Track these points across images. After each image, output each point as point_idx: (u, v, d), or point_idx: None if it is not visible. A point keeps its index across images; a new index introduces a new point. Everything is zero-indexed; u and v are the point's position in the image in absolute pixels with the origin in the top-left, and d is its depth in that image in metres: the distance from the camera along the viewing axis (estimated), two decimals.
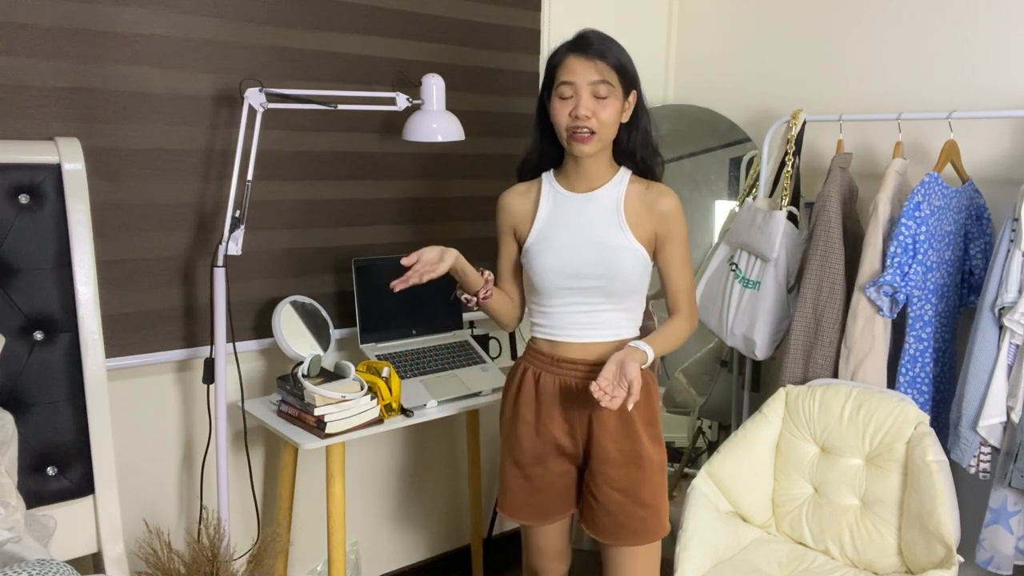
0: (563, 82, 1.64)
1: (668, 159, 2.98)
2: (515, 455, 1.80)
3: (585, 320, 1.73)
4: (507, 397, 1.83)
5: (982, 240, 2.21)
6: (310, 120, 2.17)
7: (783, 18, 2.72)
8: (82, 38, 1.82)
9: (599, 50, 1.63)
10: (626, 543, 1.74)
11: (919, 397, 2.14)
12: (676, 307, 1.77)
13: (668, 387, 2.93)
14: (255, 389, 2.23)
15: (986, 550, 2.02)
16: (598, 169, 1.72)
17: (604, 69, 1.62)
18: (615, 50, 1.65)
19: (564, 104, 1.65)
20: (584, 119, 1.62)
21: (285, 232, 2.18)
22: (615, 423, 1.72)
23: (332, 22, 2.17)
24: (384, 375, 2.04)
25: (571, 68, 1.63)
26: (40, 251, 1.67)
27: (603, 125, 1.64)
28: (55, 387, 1.69)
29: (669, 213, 1.72)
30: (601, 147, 1.68)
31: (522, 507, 1.82)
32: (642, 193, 1.72)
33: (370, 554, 2.56)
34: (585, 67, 1.62)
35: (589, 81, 1.62)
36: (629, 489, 1.73)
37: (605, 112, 1.63)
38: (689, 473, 2.89)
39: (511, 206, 1.81)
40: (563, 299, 1.73)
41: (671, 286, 1.77)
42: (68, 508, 1.71)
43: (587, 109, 1.62)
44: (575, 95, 1.63)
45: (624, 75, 1.65)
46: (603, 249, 1.69)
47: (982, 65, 2.26)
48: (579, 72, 1.62)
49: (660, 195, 1.72)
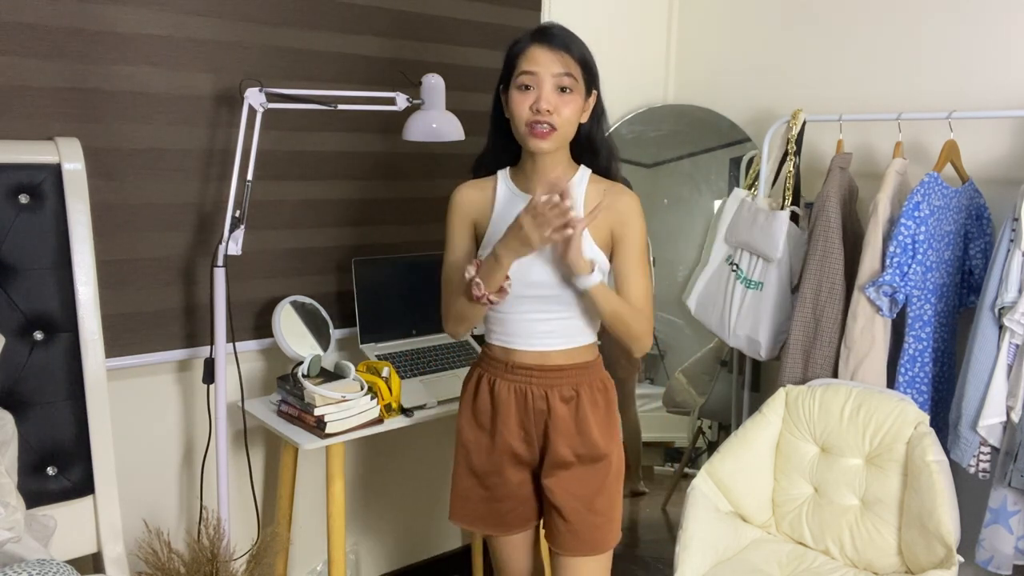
0: (525, 71, 1.52)
1: (668, 159, 3.01)
2: (471, 464, 1.72)
3: (542, 328, 1.63)
4: (462, 405, 1.76)
5: (982, 240, 2.21)
6: (310, 120, 2.17)
7: (783, 18, 2.72)
8: (82, 38, 1.82)
9: (565, 42, 1.53)
10: (578, 552, 1.66)
11: (918, 397, 2.14)
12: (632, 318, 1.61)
13: (668, 387, 2.93)
14: (255, 389, 2.23)
15: (986, 550, 2.02)
16: (556, 167, 1.61)
17: (569, 62, 1.53)
18: (580, 45, 1.56)
19: (524, 96, 1.53)
20: (545, 113, 1.50)
21: (285, 232, 2.18)
22: (571, 427, 1.64)
23: (332, 22, 2.17)
24: (384, 375, 2.04)
25: (535, 58, 1.52)
26: (40, 251, 1.67)
27: (564, 121, 1.53)
28: (55, 387, 1.69)
29: (627, 213, 1.60)
30: (559, 145, 1.57)
31: (483, 516, 1.74)
32: (601, 193, 1.61)
33: (370, 554, 2.56)
34: (550, 58, 1.51)
35: (553, 73, 1.51)
36: (585, 495, 1.65)
37: (567, 108, 1.53)
38: (689, 473, 2.89)
39: (469, 200, 1.70)
40: (518, 307, 1.62)
41: (625, 290, 1.61)
42: (68, 508, 1.71)
43: (549, 103, 1.50)
44: (536, 87, 1.52)
45: (588, 71, 1.56)
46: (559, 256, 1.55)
47: (982, 65, 2.26)
48: (543, 62, 1.51)
49: (620, 194, 1.61)
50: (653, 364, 2.97)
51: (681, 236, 2.89)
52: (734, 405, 2.79)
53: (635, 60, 2.98)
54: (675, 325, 2.91)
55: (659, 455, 3.02)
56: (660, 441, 3.01)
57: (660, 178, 2.93)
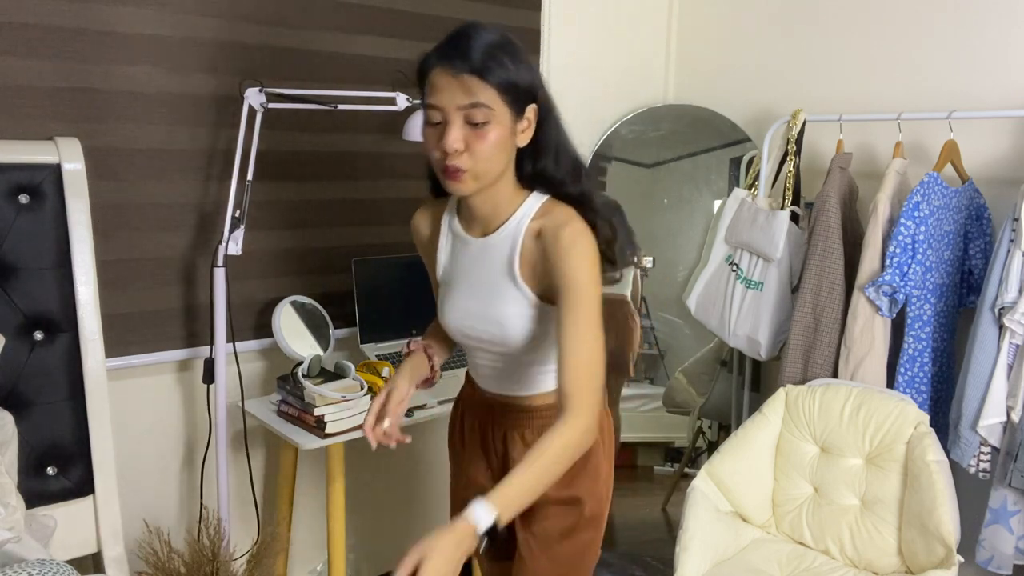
0: (429, 104, 1.24)
1: (668, 159, 3.01)
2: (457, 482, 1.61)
3: (497, 375, 1.45)
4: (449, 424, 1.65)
5: (982, 240, 2.21)
6: (310, 120, 2.17)
7: (783, 18, 2.72)
8: (82, 38, 1.82)
9: (472, 62, 1.20)
10: None
11: (917, 397, 2.14)
12: (565, 395, 1.21)
13: (668, 387, 2.93)
14: (255, 389, 2.23)
15: (986, 550, 2.02)
16: (495, 206, 1.32)
17: (479, 88, 1.20)
18: (498, 58, 1.21)
19: (434, 132, 1.24)
20: (454, 154, 1.22)
21: (285, 232, 2.18)
22: None
23: (332, 22, 2.17)
24: (384, 375, 2.04)
25: (437, 86, 1.22)
26: (40, 251, 1.67)
27: (480, 160, 1.23)
28: (55, 387, 1.69)
29: (562, 247, 1.24)
30: (484, 184, 1.27)
31: None
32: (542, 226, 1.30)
33: (370, 554, 2.56)
34: (452, 86, 1.20)
35: (458, 105, 1.20)
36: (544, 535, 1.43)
37: (482, 144, 1.22)
38: (689, 473, 2.89)
39: (422, 229, 1.49)
40: (473, 353, 1.47)
41: (560, 359, 1.22)
42: (68, 508, 1.71)
43: (457, 141, 1.21)
44: (444, 121, 1.22)
45: (511, 92, 1.22)
46: (493, 310, 1.34)
47: (982, 65, 2.26)
48: (446, 92, 1.21)
49: (558, 226, 1.26)
50: (653, 364, 2.96)
51: (681, 236, 2.89)
52: (734, 405, 2.79)
53: (635, 60, 2.98)
54: (675, 325, 2.91)
55: (659, 455, 3.02)
56: (660, 441, 3.01)
57: (660, 178, 2.93)
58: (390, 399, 1.43)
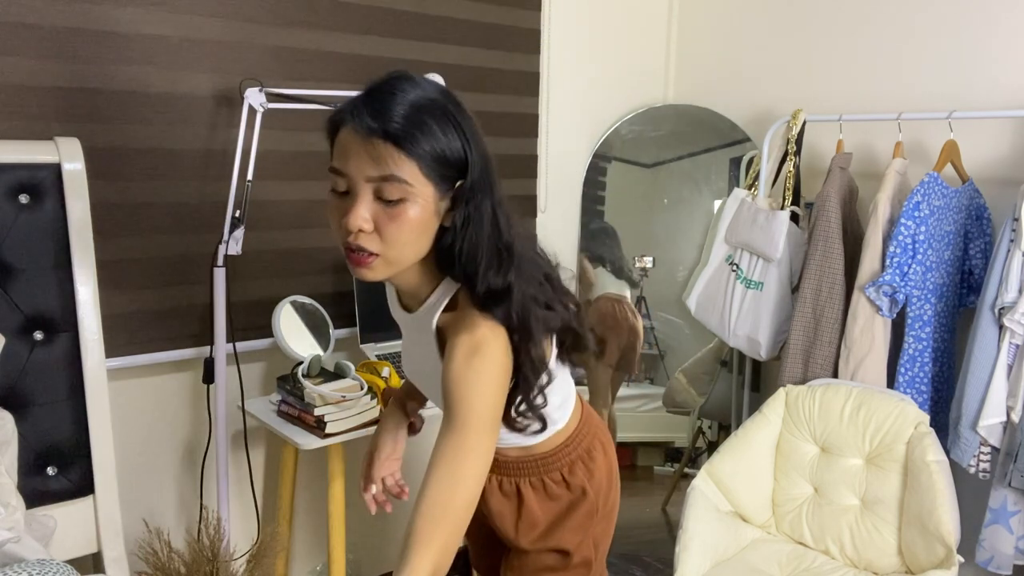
0: (333, 167, 1.03)
1: (668, 159, 3.01)
2: None
3: None
4: None
5: (982, 240, 2.21)
6: (310, 120, 2.17)
7: (783, 18, 2.72)
8: (82, 38, 1.82)
9: (389, 125, 0.97)
10: None
11: (917, 397, 2.14)
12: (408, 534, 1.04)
13: (668, 387, 2.93)
14: (255, 389, 2.23)
15: (986, 550, 2.02)
16: (416, 286, 1.13)
17: (394, 158, 0.97)
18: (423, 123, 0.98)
19: (338, 203, 1.03)
20: (357, 235, 1.01)
21: (285, 232, 2.18)
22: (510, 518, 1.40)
23: (332, 22, 2.17)
24: (384, 375, 2.04)
25: (344, 148, 1.01)
26: (40, 251, 1.67)
27: (392, 246, 1.02)
28: (55, 387, 1.69)
29: (455, 363, 1.03)
30: (396, 271, 1.07)
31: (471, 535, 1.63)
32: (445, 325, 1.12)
33: (370, 554, 2.56)
34: (361, 152, 0.98)
35: (367, 177, 0.99)
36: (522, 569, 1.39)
37: (395, 226, 1.00)
38: (689, 473, 2.89)
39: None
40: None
41: (421, 488, 1.05)
42: (68, 508, 1.70)
43: (361, 220, 0.99)
44: (350, 191, 1.01)
45: (437, 166, 1.00)
46: (433, 384, 1.17)
47: (982, 65, 2.26)
48: (352, 158, 0.99)
49: (457, 333, 1.06)
50: (653, 364, 2.97)
51: (681, 236, 2.89)
52: (734, 405, 2.79)
53: (635, 60, 2.98)
54: (675, 325, 2.91)
55: (659, 455, 3.02)
56: (660, 441, 3.01)
57: (660, 178, 2.93)
58: (374, 462, 1.41)
